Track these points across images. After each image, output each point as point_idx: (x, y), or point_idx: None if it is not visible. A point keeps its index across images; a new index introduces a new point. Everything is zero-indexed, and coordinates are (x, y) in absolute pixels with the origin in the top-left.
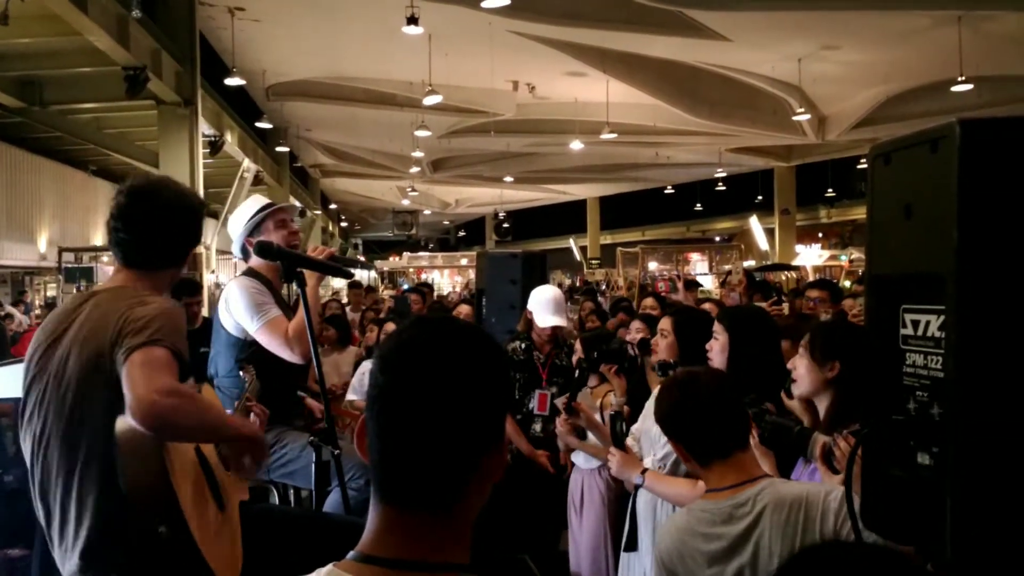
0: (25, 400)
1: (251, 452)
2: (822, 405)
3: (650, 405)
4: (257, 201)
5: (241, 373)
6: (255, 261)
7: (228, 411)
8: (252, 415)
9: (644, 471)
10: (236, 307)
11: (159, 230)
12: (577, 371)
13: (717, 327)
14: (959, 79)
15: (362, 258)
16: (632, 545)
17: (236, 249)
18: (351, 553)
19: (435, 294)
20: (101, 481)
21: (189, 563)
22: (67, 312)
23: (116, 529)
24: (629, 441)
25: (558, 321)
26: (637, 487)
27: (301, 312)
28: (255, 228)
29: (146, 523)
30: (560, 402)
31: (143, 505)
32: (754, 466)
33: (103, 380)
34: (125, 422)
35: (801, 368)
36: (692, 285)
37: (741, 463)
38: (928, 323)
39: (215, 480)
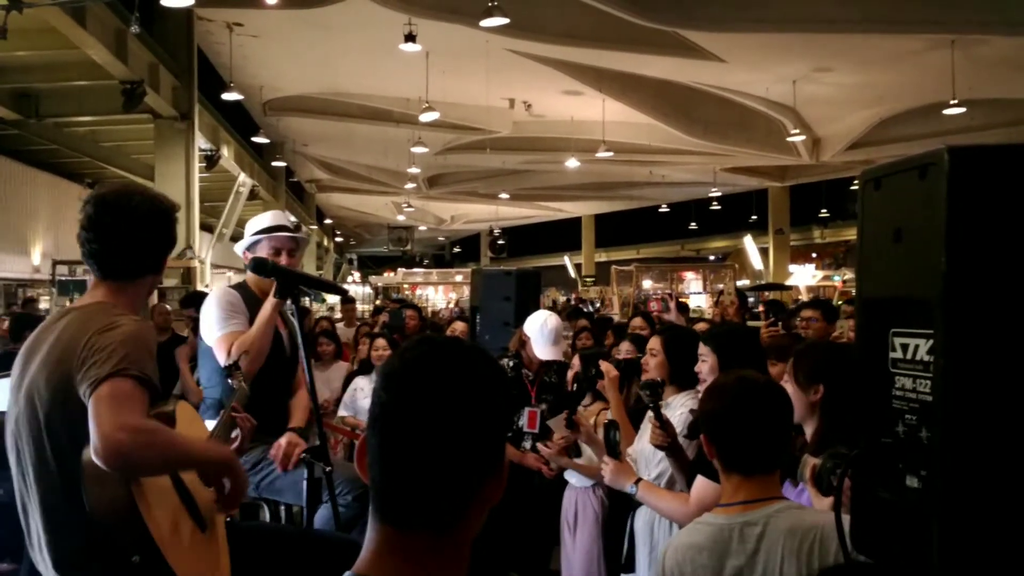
0: (8, 415)
1: (226, 475)
2: (809, 428)
3: (646, 426)
4: (274, 217)
5: (230, 380)
6: (249, 275)
7: (210, 421)
8: (236, 428)
9: (638, 481)
10: (205, 316)
11: (131, 238)
12: (575, 385)
13: (704, 349)
14: (952, 102)
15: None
16: (630, 566)
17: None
18: (347, 574)
19: (429, 311)
20: (75, 505)
21: None
22: (44, 329)
23: (91, 552)
24: (627, 460)
25: (556, 353)
26: (634, 509)
27: (252, 329)
28: (253, 244)
29: (118, 551)
30: (560, 419)
31: (111, 533)
32: (773, 487)
33: (71, 406)
34: (89, 452)
35: (790, 393)
36: (683, 308)
37: (761, 483)
38: (917, 347)
39: (193, 500)
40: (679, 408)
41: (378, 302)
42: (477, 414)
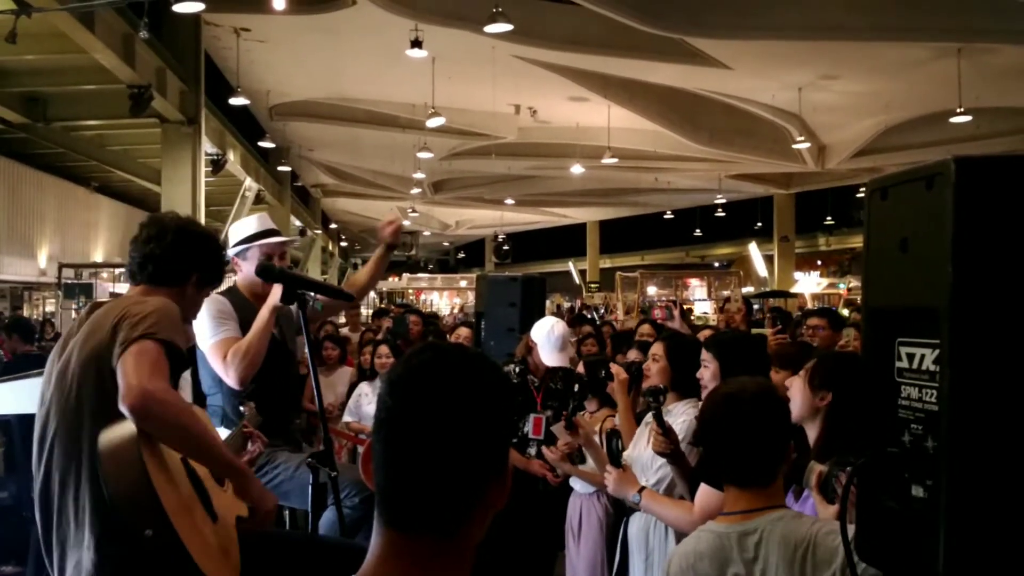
0: (38, 413)
1: (241, 484)
2: (812, 432)
3: (642, 432)
4: (260, 222)
5: (242, 408)
6: (240, 279)
7: (221, 430)
8: (250, 443)
9: (641, 489)
10: (197, 326)
11: (157, 248)
12: (577, 386)
13: (706, 355)
14: (958, 110)
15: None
16: (623, 572)
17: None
18: None
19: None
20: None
21: (179, 566)
22: (78, 323)
23: (117, 530)
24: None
25: (563, 360)
26: (628, 516)
27: (249, 335)
28: (245, 251)
29: (133, 528)
30: (559, 426)
31: (127, 513)
32: (774, 496)
33: (101, 378)
34: (107, 434)
35: (795, 391)
36: (683, 314)
37: (759, 493)
38: (923, 356)
39: (205, 493)
40: (680, 415)
41: (381, 305)
42: (481, 419)
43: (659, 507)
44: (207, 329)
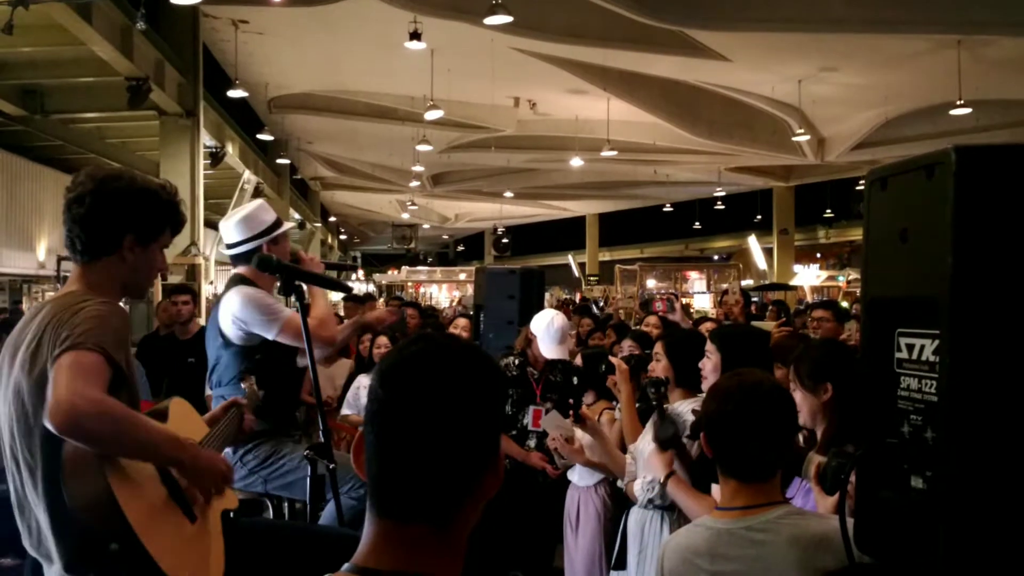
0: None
1: (203, 480)
2: (820, 429)
3: (648, 425)
4: (266, 211)
5: (242, 384)
6: (244, 269)
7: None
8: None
9: (671, 474)
10: (249, 315)
11: (78, 216)
12: (576, 378)
13: (709, 347)
14: (958, 102)
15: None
16: (621, 563)
17: (228, 250)
18: (346, 565)
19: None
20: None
21: None
22: (25, 324)
23: (83, 545)
24: (627, 458)
25: (562, 352)
26: (628, 508)
27: (317, 304)
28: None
29: (98, 541)
30: (552, 417)
31: (90, 523)
32: (773, 492)
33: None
34: (67, 446)
35: (797, 399)
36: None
37: (759, 489)
38: (923, 347)
39: (181, 492)
40: (686, 414)
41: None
42: (473, 409)
43: (682, 495)
44: (266, 316)
